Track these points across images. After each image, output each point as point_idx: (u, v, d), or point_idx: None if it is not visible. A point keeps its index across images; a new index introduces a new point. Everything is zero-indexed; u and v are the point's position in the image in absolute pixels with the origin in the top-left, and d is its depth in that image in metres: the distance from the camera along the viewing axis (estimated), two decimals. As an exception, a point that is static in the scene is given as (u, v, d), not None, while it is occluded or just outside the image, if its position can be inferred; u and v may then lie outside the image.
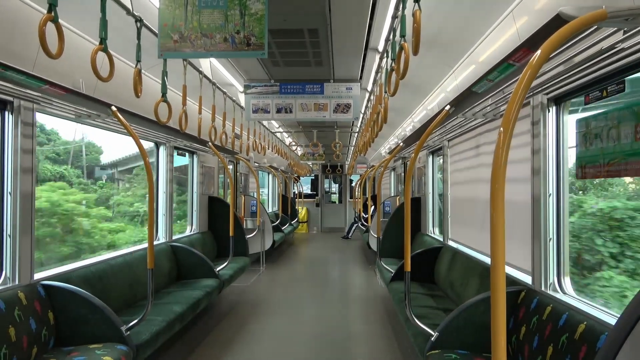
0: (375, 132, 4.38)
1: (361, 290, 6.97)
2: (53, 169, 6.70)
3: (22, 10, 2.68)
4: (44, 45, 2.04)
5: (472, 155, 4.45)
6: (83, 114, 3.40)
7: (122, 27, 2.87)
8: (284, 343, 4.46)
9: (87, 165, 7.78)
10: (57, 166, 6.85)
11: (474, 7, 3.15)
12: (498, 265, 1.23)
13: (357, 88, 5.88)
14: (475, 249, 4.23)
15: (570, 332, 2.17)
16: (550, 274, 2.71)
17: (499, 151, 1.24)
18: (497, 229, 1.24)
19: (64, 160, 7.11)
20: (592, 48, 1.96)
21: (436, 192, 6.21)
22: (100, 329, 3.00)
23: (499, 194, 1.25)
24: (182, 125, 3.65)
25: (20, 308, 2.71)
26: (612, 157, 2.20)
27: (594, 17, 1.36)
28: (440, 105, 4.66)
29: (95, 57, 2.41)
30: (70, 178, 6.90)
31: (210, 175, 6.97)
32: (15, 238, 2.88)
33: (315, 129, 9.07)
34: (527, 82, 1.28)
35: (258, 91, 5.91)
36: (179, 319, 3.76)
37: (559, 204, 2.73)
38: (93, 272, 3.61)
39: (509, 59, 2.05)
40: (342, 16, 3.97)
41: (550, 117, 2.77)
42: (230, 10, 2.77)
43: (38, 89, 2.69)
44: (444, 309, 3.92)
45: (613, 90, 2.19)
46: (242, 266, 6.17)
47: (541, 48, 1.29)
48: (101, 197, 7.36)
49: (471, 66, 3.74)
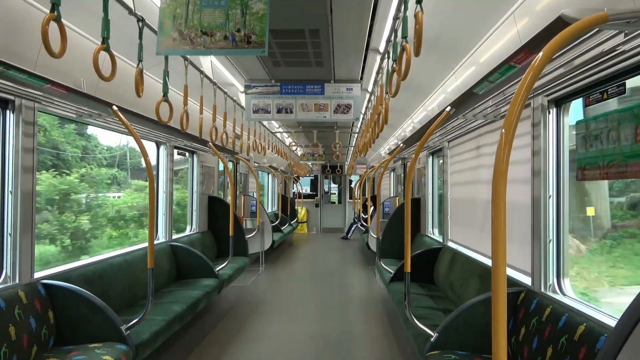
0: (376, 133, 4.38)
1: (361, 291, 6.98)
2: (107, 172, 7.60)
3: (24, 10, 2.68)
4: (46, 45, 2.05)
5: (473, 157, 4.46)
6: (84, 113, 3.40)
7: (123, 26, 2.87)
8: (283, 343, 4.46)
9: (131, 168, 8.93)
10: (107, 169, 7.77)
11: (475, 8, 3.16)
12: (499, 267, 1.24)
13: (357, 89, 5.89)
14: (475, 250, 4.24)
15: (570, 334, 2.18)
16: (550, 276, 2.72)
17: (501, 152, 1.25)
18: (498, 231, 1.24)
19: (109, 164, 8.13)
20: (593, 50, 1.97)
21: (436, 193, 6.21)
22: (100, 328, 3.00)
23: (501, 196, 1.25)
24: (183, 125, 3.65)
25: (20, 307, 2.71)
26: (611, 159, 2.20)
27: (596, 19, 1.37)
28: (441, 106, 4.66)
29: (97, 57, 2.42)
30: (120, 180, 7.99)
31: (210, 175, 6.97)
32: (15, 237, 2.88)
33: (315, 129, 9.07)
34: (529, 84, 1.28)
35: (259, 91, 5.91)
36: (178, 319, 3.76)
37: (558, 206, 2.73)
38: (93, 271, 3.61)
39: (510, 61, 2.06)
40: (343, 17, 3.98)
41: (550, 118, 2.77)
42: (232, 9, 2.77)
43: (39, 88, 2.69)
44: (443, 310, 3.92)
45: (614, 92, 2.19)
46: (241, 266, 6.17)
47: (543, 50, 1.30)
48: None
49: (472, 67, 3.75)
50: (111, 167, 7.99)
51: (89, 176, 6.73)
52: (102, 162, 7.99)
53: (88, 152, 7.62)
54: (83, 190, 6.04)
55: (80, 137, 7.34)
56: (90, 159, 7.65)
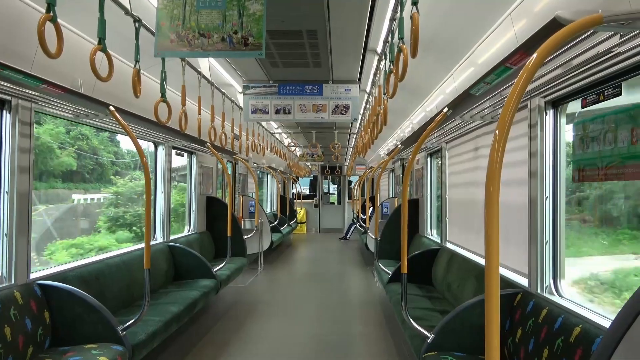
0: (375, 134, 4.38)
1: (359, 292, 6.97)
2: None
3: (21, 10, 2.68)
4: (43, 45, 2.04)
5: (471, 158, 4.46)
6: (81, 113, 3.40)
7: (121, 27, 2.87)
8: (281, 344, 4.46)
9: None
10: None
11: (473, 10, 3.16)
12: (492, 267, 1.23)
13: (355, 89, 5.89)
14: (473, 251, 4.23)
15: (566, 335, 2.18)
16: (546, 277, 2.71)
17: (494, 154, 1.25)
18: (492, 231, 1.24)
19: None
20: (589, 52, 1.97)
21: (434, 194, 6.21)
22: (96, 328, 3.00)
23: (494, 197, 1.25)
24: (182, 125, 3.65)
25: (16, 307, 2.71)
26: (609, 160, 2.21)
27: (590, 21, 1.37)
28: (439, 107, 4.66)
29: (94, 57, 2.41)
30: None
31: (209, 176, 6.97)
32: (11, 237, 2.88)
33: (314, 130, 9.07)
34: (522, 85, 1.28)
35: (257, 92, 5.91)
36: (175, 319, 3.75)
37: (555, 207, 2.73)
38: (90, 271, 3.61)
39: (505, 62, 2.06)
40: (341, 18, 3.97)
41: (547, 120, 2.77)
42: (229, 10, 2.77)
43: (36, 88, 2.69)
44: (441, 311, 3.92)
45: (610, 94, 2.19)
46: (239, 267, 6.17)
47: (537, 52, 1.29)
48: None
49: (470, 68, 3.75)
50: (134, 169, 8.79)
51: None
52: (130, 166, 8.71)
53: (119, 157, 8.50)
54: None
55: (112, 143, 8.25)
56: (120, 164, 8.50)
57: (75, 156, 6.99)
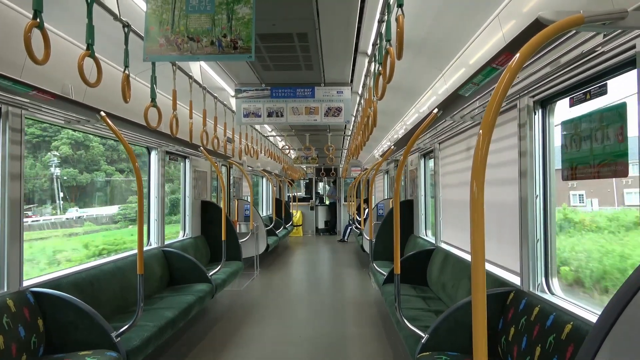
0: (367, 136, 4.40)
1: (355, 293, 6.97)
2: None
3: (9, 16, 2.67)
4: (29, 52, 2.04)
5: (463, 158, 4.48)
6: (72, 119, 3.39)
7: (112, 32, 2.87)
8: (277, 348, 4.45)
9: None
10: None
11: (462, 11, 3.18)
12: (478, 264, 1.25)
13: (347, 92, 5.90)
14: (467, 251, 4.25)
15: (557, 333, 2.19)
16: (538, 275, 2.73)
17: (478, 153, 1.26)
18: (477, 229, 1.25)
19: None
20: (574, 51, 1.99)
21: (428, 194, 6.24)
22: (90, 335, 2.98)
23: (479, 195, 1.26)
24: (172, 130, 3.65)
25: (9, 315, 2.69)
26: (596, 158, 2.23)
27: (571, 21, 1.38)
28: (431, 108, 4.68)
29: (82, 63, 2.41)
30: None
31: (203, 180, 6.96)
32: (3, 245, 2.87)
33: (307, 133, 9.07)
34: (505, 85, 1.30)
35: (249, 95, 5.92)
36: (170, 325, 3.74)
37: (545, 206, 2.75)
38: (84, 277, 3.60)
39: (492, 63, 2.08)
40: (331, 20, 3.99)
41: (536, 119, 2.80)
42: (218, 14, 2.77)
43: (25, 94, 2.68)
44: (435, 311, 3.93)
45: (596, 92, 2.22)
46: (235, 270, 6.16)
47: (519, 52, 1.31)
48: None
49: (461, 69, 3.77)
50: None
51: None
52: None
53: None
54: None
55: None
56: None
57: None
